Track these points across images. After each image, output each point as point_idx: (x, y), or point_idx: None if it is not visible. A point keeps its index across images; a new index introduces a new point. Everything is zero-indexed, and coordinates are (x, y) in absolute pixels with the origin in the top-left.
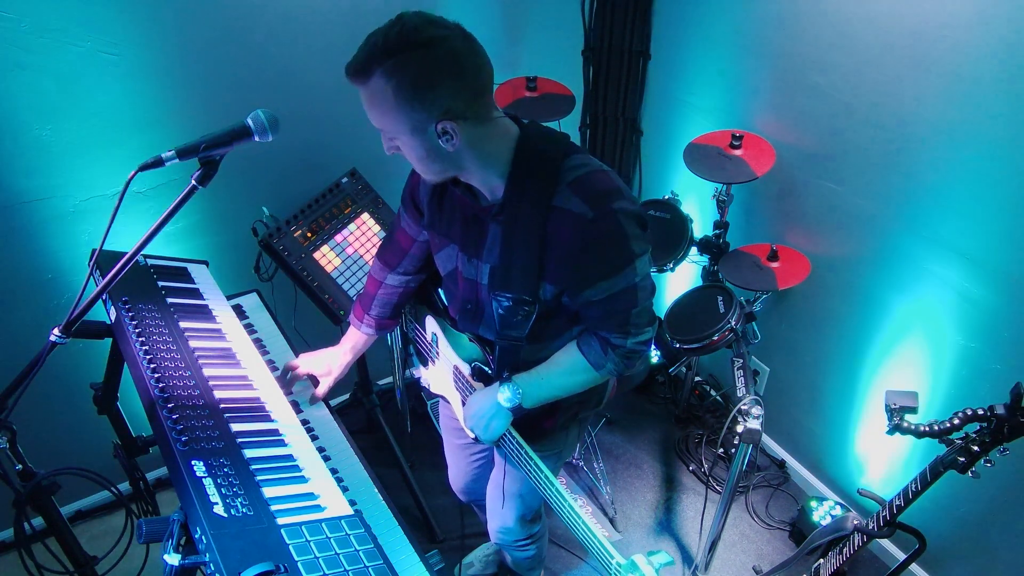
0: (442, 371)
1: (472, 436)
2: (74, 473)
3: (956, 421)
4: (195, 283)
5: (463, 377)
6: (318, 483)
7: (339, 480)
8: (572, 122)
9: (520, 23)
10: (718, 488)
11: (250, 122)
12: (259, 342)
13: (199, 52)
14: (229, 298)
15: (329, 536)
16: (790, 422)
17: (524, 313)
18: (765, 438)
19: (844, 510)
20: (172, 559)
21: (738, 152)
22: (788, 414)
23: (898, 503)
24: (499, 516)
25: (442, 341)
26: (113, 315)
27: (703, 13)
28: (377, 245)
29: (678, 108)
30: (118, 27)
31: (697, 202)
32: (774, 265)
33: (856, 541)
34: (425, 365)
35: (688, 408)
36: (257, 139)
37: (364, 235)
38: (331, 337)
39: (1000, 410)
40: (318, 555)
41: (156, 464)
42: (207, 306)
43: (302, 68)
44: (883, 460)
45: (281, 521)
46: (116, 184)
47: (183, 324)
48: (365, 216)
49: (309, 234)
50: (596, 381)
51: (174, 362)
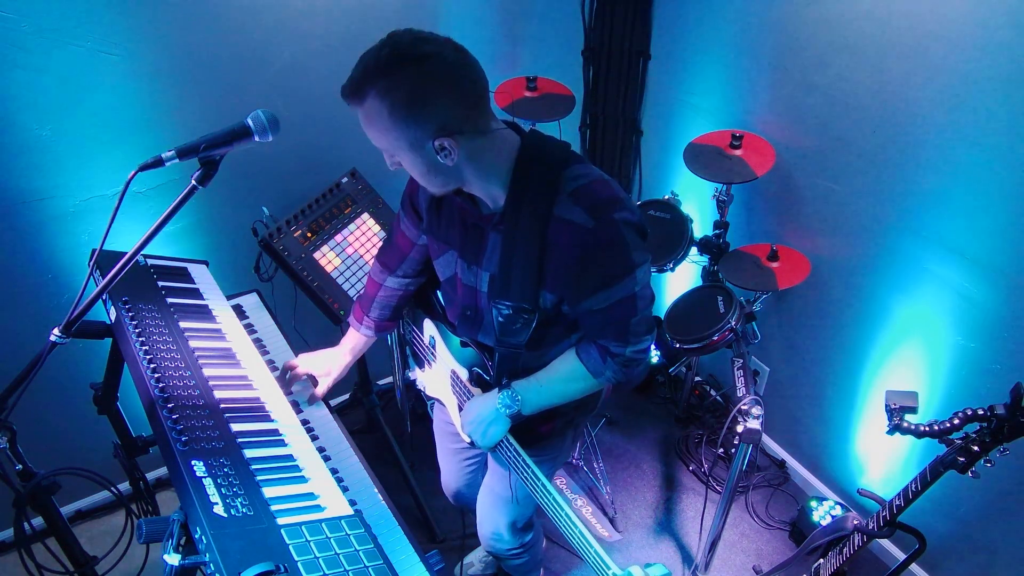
0: (439, 375)
1: (469, 441)
2: (74, 473)
3: (956, 421)
4: (195, 283)
5: (460, 382)
6: (318, 483)
7: (339, 480)
8: (572, 122)
9: (520, 23)
10: (718, 488)
11: (250, 122)
12: (259, 342)
13: (199, 52)
14: (229, 298)
15: (329, 536)
16: (790, 422)
17: (524, 321)
18: (765, 438)
19: (844, 510)
20: (172, 559)
21: (738, 152)
22: (788, 414)
23: (898, 503)
24: (491, 522)
25: (440, 345)
26: (113, 315)
27: (703, 13)
28: (377, 246)
29: (678, 108)
30: (118, 27)
31: (697, 202)
32: (774, 265)
33: (856, 541)
34: (422, 368)
35: (688, 408)
36: (257, 139)
37: (364, 235)
38: (331, 337)
39: (1000, 410)
40: (318, 555)
41: (156, 464)
42: (207, 306)
43: (302, 68)
44: (883, 460)
45: (281, 521)
46: (116, 184)
47: (183, 324)
48: (365, 216)
49: (309, 234)
50: (595, 388)
51: (174, 362)
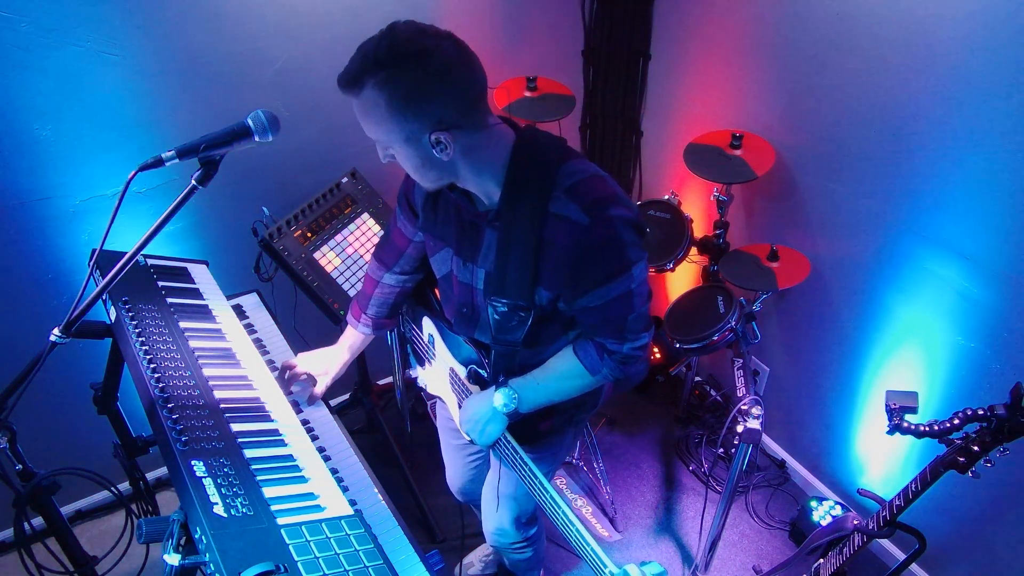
0: (439, 373)
1: (467, 439)
2: (74, 473)
3: (956, 421)
4: (195, 283)
5: (459, 380)
6: (318, 483)
7: (339, 480)
8: (572, 122)
9: (520, 23)
10: (718, 488)
11: (250, 122)
12: (259, 342)
13: (199, 52)
14: (229, 298)
15: (329, 536)
16: (790, 422)
17: (520, 318)
18: (765, 438)
19: (844, 510)
20: (172, 559)
21: (738, 152)
22: (788, 414)
23: (898, 503)
24: (494, 518)
25: (439, 342)
26: (113, 315)
27: (703, 13)
28: None
29: (678, 108)
30: (118, 27)
31: (697, 202)
32: (774, 265)
33: (856, 541)
34: (422, 365)
35: (688, 408)
36: (257, 139)
37: (364, 235)
38: (331, 337)
39: (1000, 410)
40: (318, 555)
41: (156, 464)
42: (207, 306)
43: (302, 68)
44: (883, 460)
45: (281, 521)
46: (116, 184)
47: (183, 324)
48: (365, 216)
49: (309, 234)
50: (592, 386)
51: (174, 362)
